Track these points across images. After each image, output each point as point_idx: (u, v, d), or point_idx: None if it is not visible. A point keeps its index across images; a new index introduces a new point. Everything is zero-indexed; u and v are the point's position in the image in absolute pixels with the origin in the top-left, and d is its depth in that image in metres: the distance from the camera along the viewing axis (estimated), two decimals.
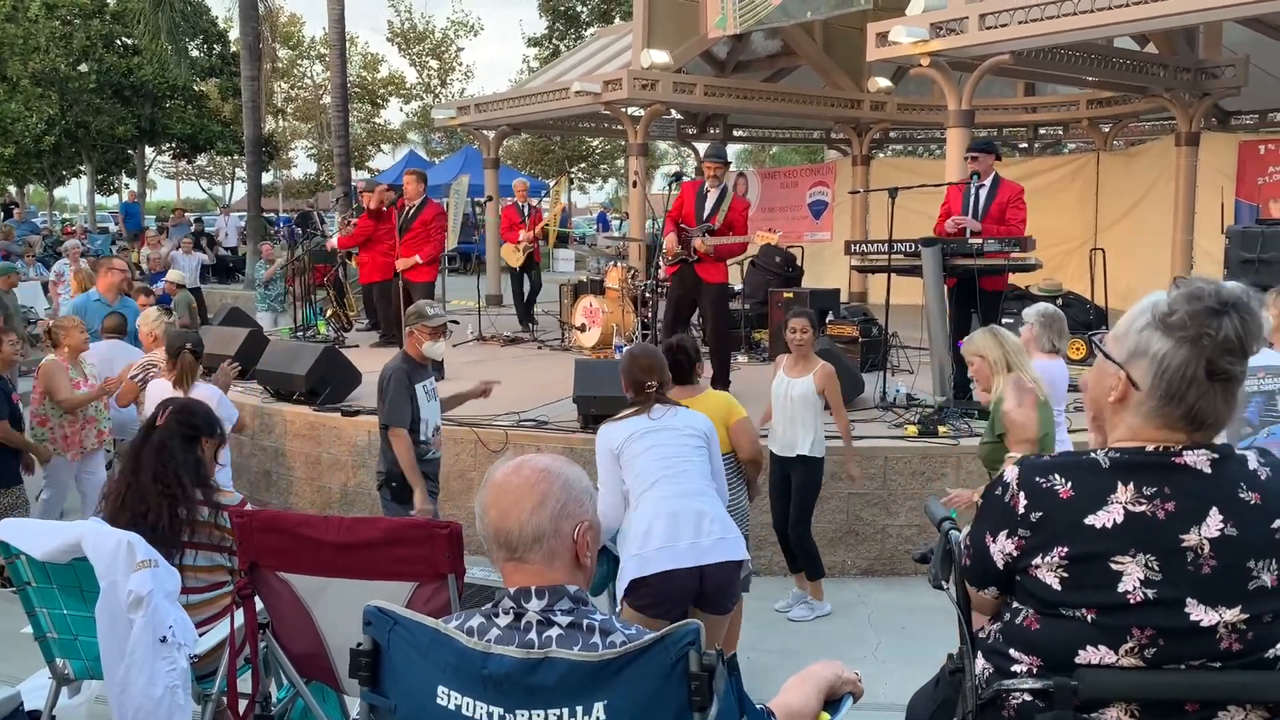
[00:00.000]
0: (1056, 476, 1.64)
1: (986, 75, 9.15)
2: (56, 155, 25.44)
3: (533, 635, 1.67)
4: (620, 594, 3.67)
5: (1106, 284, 9.85)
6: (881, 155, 17.44)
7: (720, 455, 3.93)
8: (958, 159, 9.00)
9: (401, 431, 4.90)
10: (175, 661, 2.97)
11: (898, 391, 7.51)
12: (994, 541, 1.69)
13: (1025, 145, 17.13)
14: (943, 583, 1.93)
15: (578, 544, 1.78)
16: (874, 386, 7.55)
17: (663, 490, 3.62)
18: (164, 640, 2.95)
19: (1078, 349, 9.41)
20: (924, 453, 6.37)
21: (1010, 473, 1.69)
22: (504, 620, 1.70)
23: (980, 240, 6.80)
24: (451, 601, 2.72)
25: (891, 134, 17.07)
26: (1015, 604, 1.72)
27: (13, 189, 33.07)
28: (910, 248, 7.17)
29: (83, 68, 24.63)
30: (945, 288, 7.07)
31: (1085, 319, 9.67)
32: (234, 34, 25.61)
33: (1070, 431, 5.56)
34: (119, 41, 25.79)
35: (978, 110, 11.69)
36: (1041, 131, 16.47)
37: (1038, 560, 1.63)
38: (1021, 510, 1.64)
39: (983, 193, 7.11)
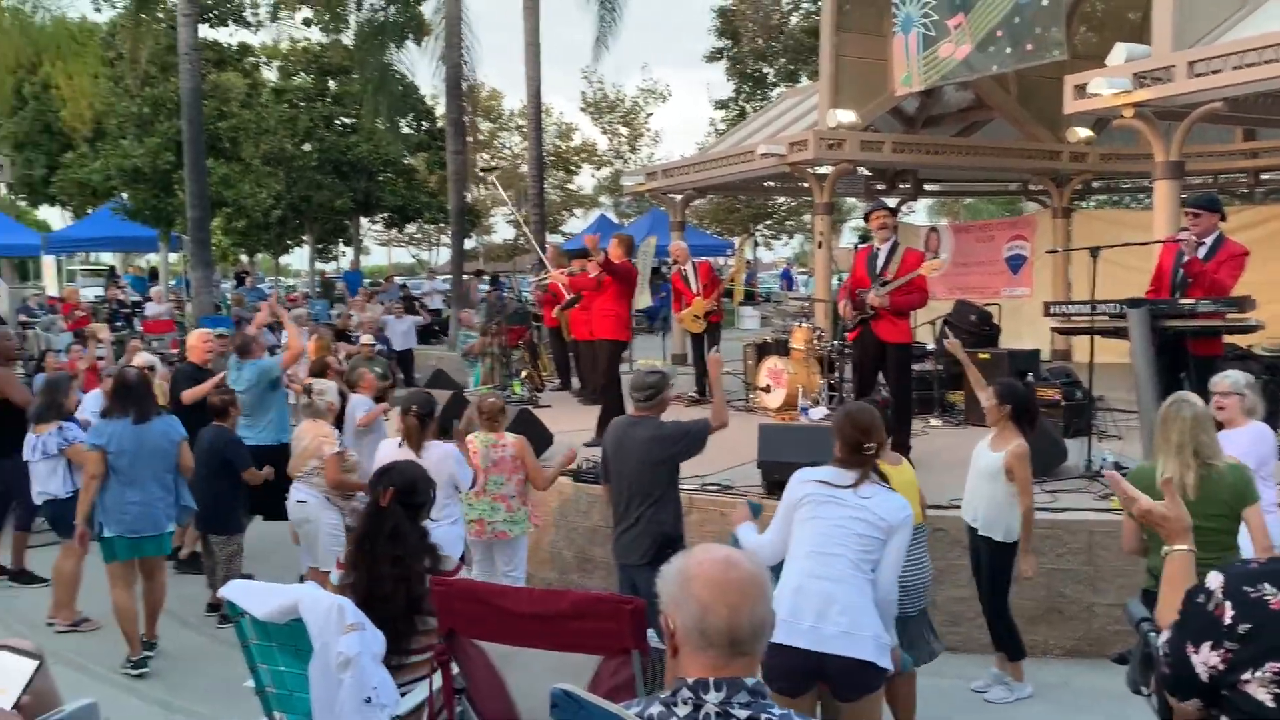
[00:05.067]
0: (1267, 586, 1.53)
1: (1198, 122, 8.66)
2: (282, 227, 27.65)
3: None
4: None
5: None
6: (1084, 207, 16.65)
7: (904, 548, 3.65)
8: (1166, 213, 8.52)
9: None
10: None
11: (1104, 460, 7.08)
12: (1196, 652, 1.60)
13: (1246, 192, 15.99)
14: (1142, 688, 1.83)
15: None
16: (1078, 454, 7.16)
17: (807, 565, 3.53)
18: (368, 701, 3.12)
19: None
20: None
21: (1214, 580, 1.59)
22: (683, 711, 1.73)
23: (1194, 300, 6.35)
24: (636, 678, 2.77)
25: (1094, 184, 16.33)
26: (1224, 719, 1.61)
27: (244, 258, 36.17)
28: (1115, 308, 6.78)
29: (306, 147, 26.79)
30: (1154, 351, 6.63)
31: None
32: (440, 109, 27.24)
33: None
34: (338, 122, 27.93)
35: (1190, 158, 11.04)
36: (1264, 178, 15.35)
37: (1247, 675, 1.52)
38: (1228, 621, 1.55)
39: (1202, 251, 6.48)
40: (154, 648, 6.05)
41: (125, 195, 22.95)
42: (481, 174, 30.32)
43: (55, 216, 37.08)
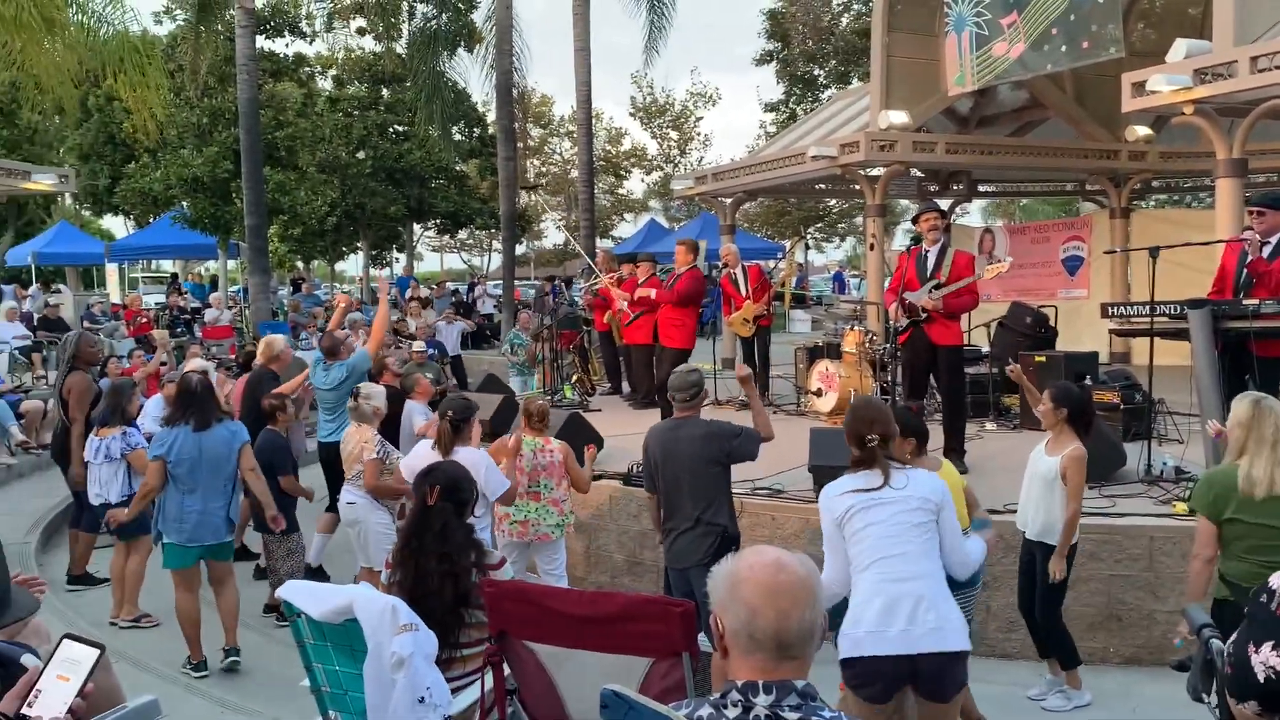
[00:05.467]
0: None
1: (1262, 119, 8.44)
2: (337, 234, 28.06)
3: None
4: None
5: None
6: (1143, 206, 16.31)
7: (954, 517, 3.69)
8: (1229, 212, 8.32)
9: None
10: None
11: (1164, 464, 6.94)
12: (1256, 652, 1.55)
13: None
14: (1203, 695, 1.78)
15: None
16: (1137, 458, 7.02)
17: (880, 572, 3.50)
18: (422, 700, 3.15)
19: None
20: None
21: (1277, 579, 1.55)
22: (732, 713, 1.73)
23: (1258, 300, 6.19)
24: (686, 680, 2.76)
25: (1154, 184, 15.99)
26: None
27: (300, 265, 36.76)
28: (1175, 309, 6.64)
29: (360, 154, 27.18)
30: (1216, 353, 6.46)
31: None
32: (491, 116, 27.46)
33: None
34: (392, 130, 28.31)
35: (1255, 155, 10.77)
36: None
37: None
38: None
39: (1266, 250, 6.31)
40: (238, 653, 5.99)
41: (185, 204, 23.46)
42: (524, 190, 30.61)
43: (118, 225, 38.09)
